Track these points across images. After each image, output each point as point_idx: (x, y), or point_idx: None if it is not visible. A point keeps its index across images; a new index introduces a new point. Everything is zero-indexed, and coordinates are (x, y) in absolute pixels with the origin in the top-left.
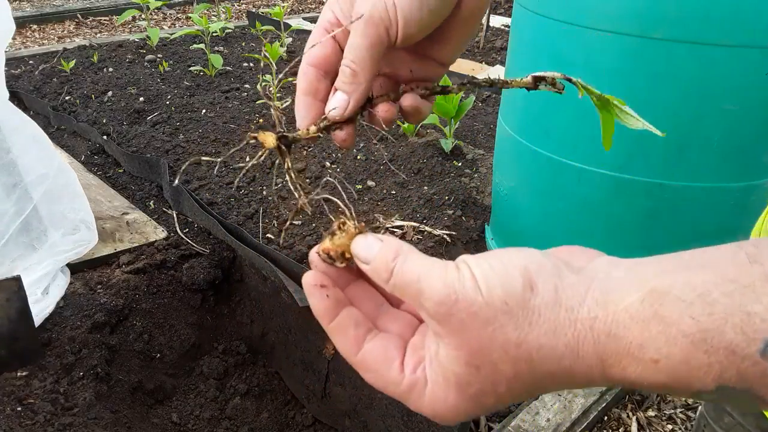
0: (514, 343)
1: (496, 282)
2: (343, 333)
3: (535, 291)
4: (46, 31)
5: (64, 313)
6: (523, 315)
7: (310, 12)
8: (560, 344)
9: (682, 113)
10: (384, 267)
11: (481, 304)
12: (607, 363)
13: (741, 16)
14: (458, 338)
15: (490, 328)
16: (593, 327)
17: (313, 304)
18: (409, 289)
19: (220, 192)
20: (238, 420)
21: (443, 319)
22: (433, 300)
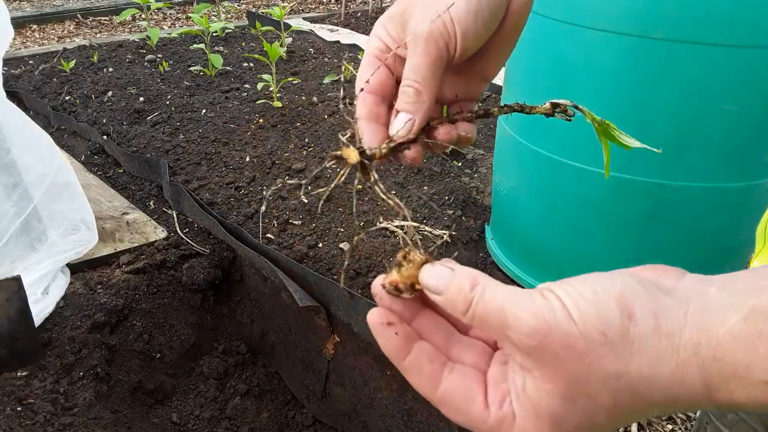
0: (614, 375)
1: (590, 311)
2: (417, 370)
3: (634, 319)
4: (46, 31)
5: (64, 313)
6: (623, 345)
7: (310, 12)
8: (664, 374)
9: (682, 113)
10: (461, 298)
11: (577, 335)
12: (713, 387)
13: (741, 16)
14: (551, 371)
15: (588, 360)
16: (697, 353)
17: (383, 344)
18: (492, 320)
19: (220, 192)
20: (238, 420)
21: (533, 352)
22: (522, 332)
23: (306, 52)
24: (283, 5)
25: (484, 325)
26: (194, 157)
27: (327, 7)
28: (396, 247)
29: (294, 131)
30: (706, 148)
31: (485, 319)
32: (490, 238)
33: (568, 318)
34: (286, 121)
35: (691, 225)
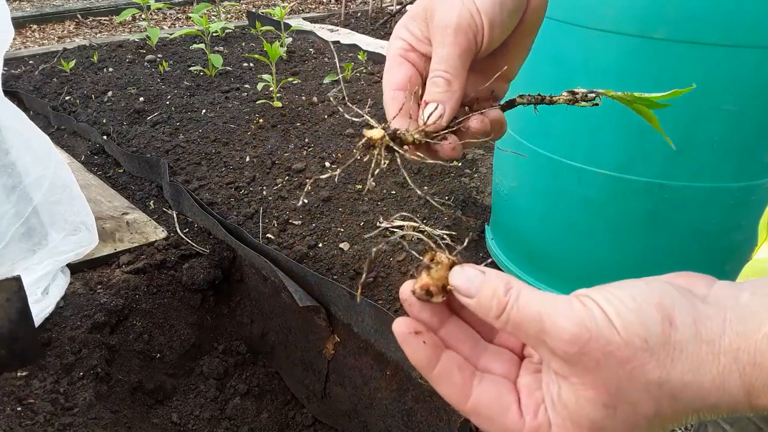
0: (656, 383)
1: (632, 318)
2: (447, 380)
3: (675, 326)
4: (46, 31)
5: (64, 313)
6: (664, 352)
7: (310, 12)
8: (706, 381)
9: (682, 113)
10: (495, 302)
11: (619, 343)
12: (754, 395)
13: (741, 16)
14: (592, 378)
15: (629, 366)
16: (737, 359)
17: (411, 354)
18: (528, 327)
19: (220, 192)
20: (238, 420)
21: (573, 359)
22: (563, 339)
23: (306, 52)
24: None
25: (518, 331)
26: (194, 157)
27: (327, 7)
28: (396, 246)
29: (294, 131)
30: (706, 148)
31: (520, 325)
32: (490, 238)
33: (610, 325)
34: (286, 121)
35: (691, 225)
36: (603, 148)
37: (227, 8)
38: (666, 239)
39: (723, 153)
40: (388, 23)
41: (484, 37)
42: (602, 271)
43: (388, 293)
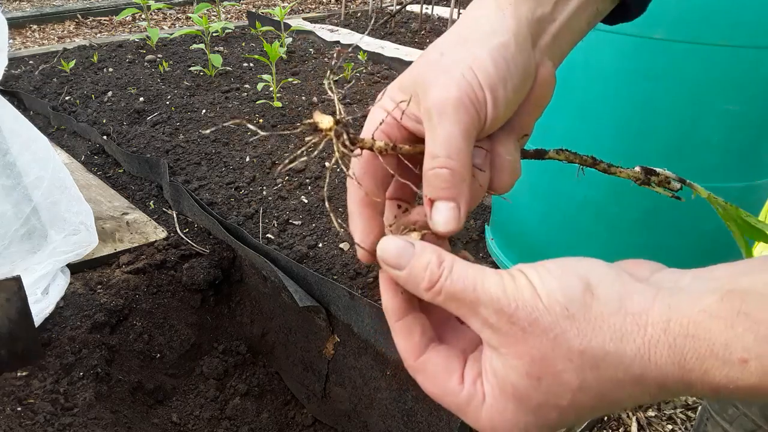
0: (577, 351)
1: (554, 285)
2: (407, 335)
3: (596, 296)
4: (46, 31)
5: (64, 313)
6: (585, 320)
7: (310, 12)
8: (629, 350)
9: (682, 113)
10: (428, 274)
11: (542, 310)
12: (686, 368)
13: (741, 16)
14: (518, 348)
15: (552, 334)
16: (667, 330)
17: (385, 300)
18: (464, 297)
19: (220, 192)
20: (238, 420)
21: (503, 329)
22: (492, 308)
23: (306, 52)
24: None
25: (451, 302)
26: (194, 157)
27: (327, 7)
28: None
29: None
30: (706, 148)
31: (455, 296)
32: (490, 238)
33: (534, 293)
34: (286, 121)
35: (690, 225)
36: (603, 149)
37: (227, 8)
38: (666, 239)
39: (723, 153)
40: (388, 23)
41: (487, 114)
42: None
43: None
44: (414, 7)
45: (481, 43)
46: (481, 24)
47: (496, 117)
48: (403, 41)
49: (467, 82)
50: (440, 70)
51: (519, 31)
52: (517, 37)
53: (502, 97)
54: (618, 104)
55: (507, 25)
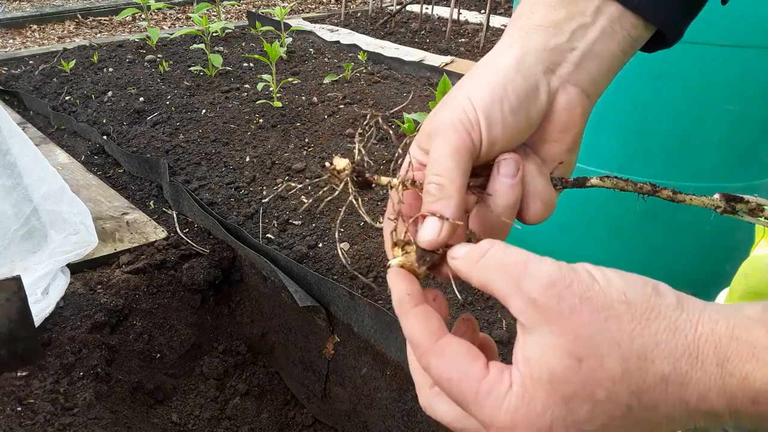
0: (628, 336)
1: (614, 276)
2: (426, 318)
3: (657, 291)
4: (46, 31)
5: (64, 313)
6: (641, 309)
7: (310, 12)
8: (680, 344)
9: (682, 113)
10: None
11: (597, 290)
12: (727, 370)
13: (741, 16)
14: (563, 325)
15: (604, 314)
16: (714, 330)
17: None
18: (511, 269)
19: (220, 192)
20: (238, 420)
21: (548, 304)
22: (543, 280)
23: (306, 52)
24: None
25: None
26: (194, 157)
27: (327, 7)
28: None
29: (294, 131)
30: (706, 148)
31: (503, 267)
32: None
33: (591, 277)
34: (286, 121)
35: (690, 225)
36: (603, 148)
37: (227, 8)
38: (666, 239)
39: (723, 153)
40: (388, 23)
41: (482, 135)
42: None
43: (389, 293)
44: (414, 7)
45: (483, 74)
46: (489, 59)
47: (492, 138)
48: (403, 41)
49: (461, 106)
50: (444, 104)
51: (523, 59)
52: (519, 64)
53: (497, 118)
54: (618, 104)
55: (511, 53)
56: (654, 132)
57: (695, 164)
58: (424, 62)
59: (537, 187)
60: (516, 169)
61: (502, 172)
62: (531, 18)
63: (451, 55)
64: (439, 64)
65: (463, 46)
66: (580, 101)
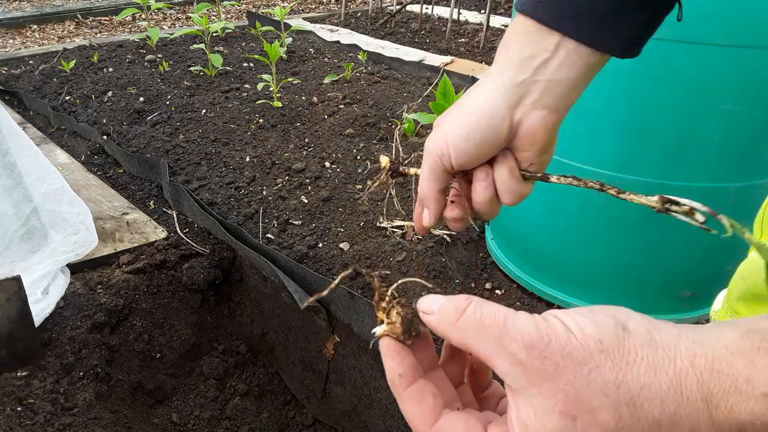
0: (613, 384)
1: (586, 323)
2: (419, 400)
3: (628, 331)
4: (46, 31)
5: (64, 313)
6: (619, 353)
7: (310, 12)
8: (663, 383)
9: (682, 113)
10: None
11: (575, 344)
12: (713, 404)
13: (741, 16)
14: (550, 385)
15: (587, 368)
16: (694, 364)
17: (391, 367)
18: (491, 331)
19: (220, 192)
20: (238, 420)
21: (533, 364)
22: (523, 342)
23: (306, 52)
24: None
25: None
26: (194, 157)
27: (327, 7)
28: (396, 246)
29: (294, 131)
30: (705, 148)
31: (483, 329)
32: (490, 238)
33: (567, 330)
34: (286, 121)
35: (690, 225)
36: (603, 148)
37: (227, 8)
38: (666, 239)
39: (723, 153)
40: (388, 23)
41: (452, 160)
42: (602, 272)
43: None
44: (414, 7)
45: (461, 110)
46: (472, 93)
47: (460, 163)
48: (403, 41)
49: (438, 142)
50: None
51: (493, 94)
52: (489, 105)
53: (462, 149)
54: (618, 104)
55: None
56: (654, 132)
57: (695, 164)
58: (424, 62)
59: (508, 185)
60: (485, 176)
61: (478, 178)
62: (506, 56)
63: (451, 55)
64: (439, 64)
65: (463, 46)
66: (543, 123)
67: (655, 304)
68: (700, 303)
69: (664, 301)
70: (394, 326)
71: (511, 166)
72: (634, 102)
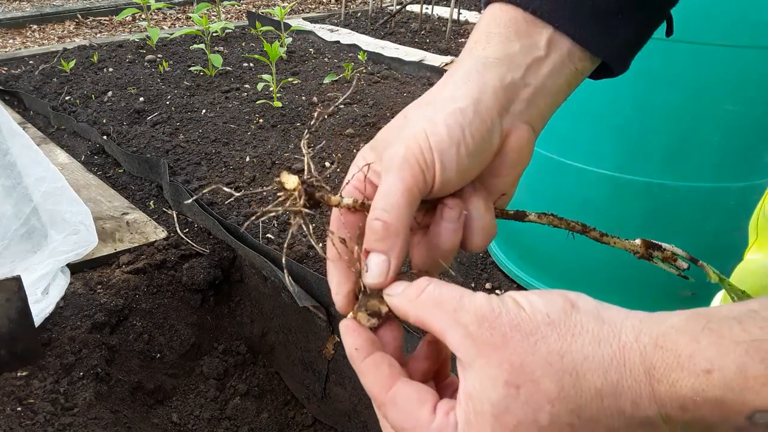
0: (557, 354)
1: (536, 300)
2: (375, 369)
3: (576, 308)
4: (46, 31)
5: (64, 313)
6: (565, 326)
7: (310, 12)
8: (606, 354)
9: (682, 113)
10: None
11: (524, 317)
12: (655, 378)
13: (741, 16)
14: (497, 355)
15: (533, 339)
16: (638, 339)
17: (348, 342)
18: (448, 304)
19: (220, 192)
20: (238, 420)
21: (482, 335)
22: (476, 314)
23: (306, 52)
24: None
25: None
26: (194, 157)
27: (327, 7)
28: None
29: (294, 131)
30: (706, 148)
31: (441, 303)
32: None
33: (518, 305)
34: (286, 121)
35: (691, 225)
36: (603, 149)
37: (227, 8)
38: (666, 239)
39: (723, 153)
40: (388, 23)
41: (435, 177)
42: (601, 271)
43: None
44: (414, 7)
45: (441, 108)
46: (446, 89)
47: (445, 180)
48: (403, 41)
49: (417, 143)
50: (400, 132)
51: (481, 97)
52: (477, 104)
53: (453, 161)
54: (618, 104)
55: (468, 90)
56: (654, 132)
57: (695, 164)
58: (424, 62)
59: (483, 222)
60: (458, 215)
61: (446, 218)
62: (487, 49)
63: (451, 55)
64: (439, 64)
65: (462, 46)
66: (528, 138)
67: (655, 304)
68: (699, 303)
69: (664, 301)
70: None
71: (485, 196)
72: (634, 102)
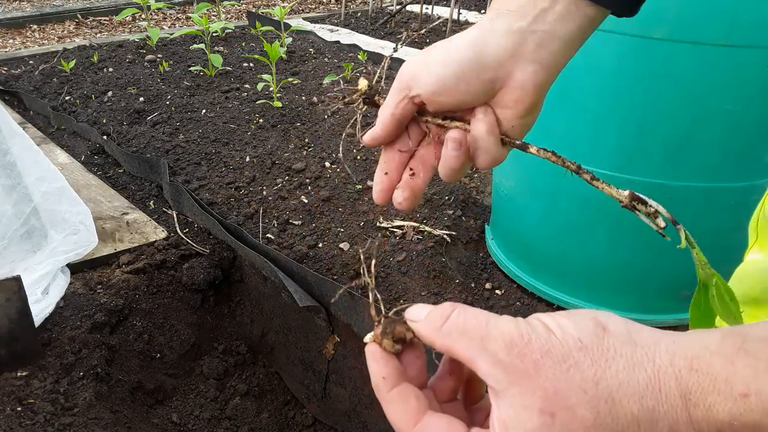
0: (591, 381)
1: (567, 323)
2: (404, 402)
3: (608, 331)
4: (46, 31)
5: (64, 313)
6: (598, 351)
7: (310, 12)
8: (641, 380)
9: (682, 113)
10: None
11: (555, 342)
12: (691, 402)
13: (741, 16)
14: (530, 383)
15: (565, 365)
16: (673, 362)
17: (374, 370)
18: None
19: (220, 192)
20: (238, 420)
21: (513, 363)
22: (504, 341)
23: (306, 52)
24: (284, 5)
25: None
26: (194, 157)
27: (327, 7)
28: (396, 246)
29: (294, 131)
30: (706, 148)
31: (465, 332)
32: (490, 238)
33: (547, 330)
34: (286, 121)
35: (690, 225)
36: (603, 148)
37: (227, 8)
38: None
39: (723, 153)
40: (388, 23)
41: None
42: (601, 271)
43: (388, 293)
44: (414, 7)
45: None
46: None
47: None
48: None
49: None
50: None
51: (484, 37)
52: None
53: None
54: (618, 104)
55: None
56: (654, 132)
57: (695, 164)
58: None
59: (486, 144)
60: (459, 145)
61: (449, 147)
62: (499, 3)
63: None
64: None
65: None
66: (534, 78)
67: (655, 304)
68: None
69: (664, 301)
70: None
71: (491, 122)
72: (634, 102)
